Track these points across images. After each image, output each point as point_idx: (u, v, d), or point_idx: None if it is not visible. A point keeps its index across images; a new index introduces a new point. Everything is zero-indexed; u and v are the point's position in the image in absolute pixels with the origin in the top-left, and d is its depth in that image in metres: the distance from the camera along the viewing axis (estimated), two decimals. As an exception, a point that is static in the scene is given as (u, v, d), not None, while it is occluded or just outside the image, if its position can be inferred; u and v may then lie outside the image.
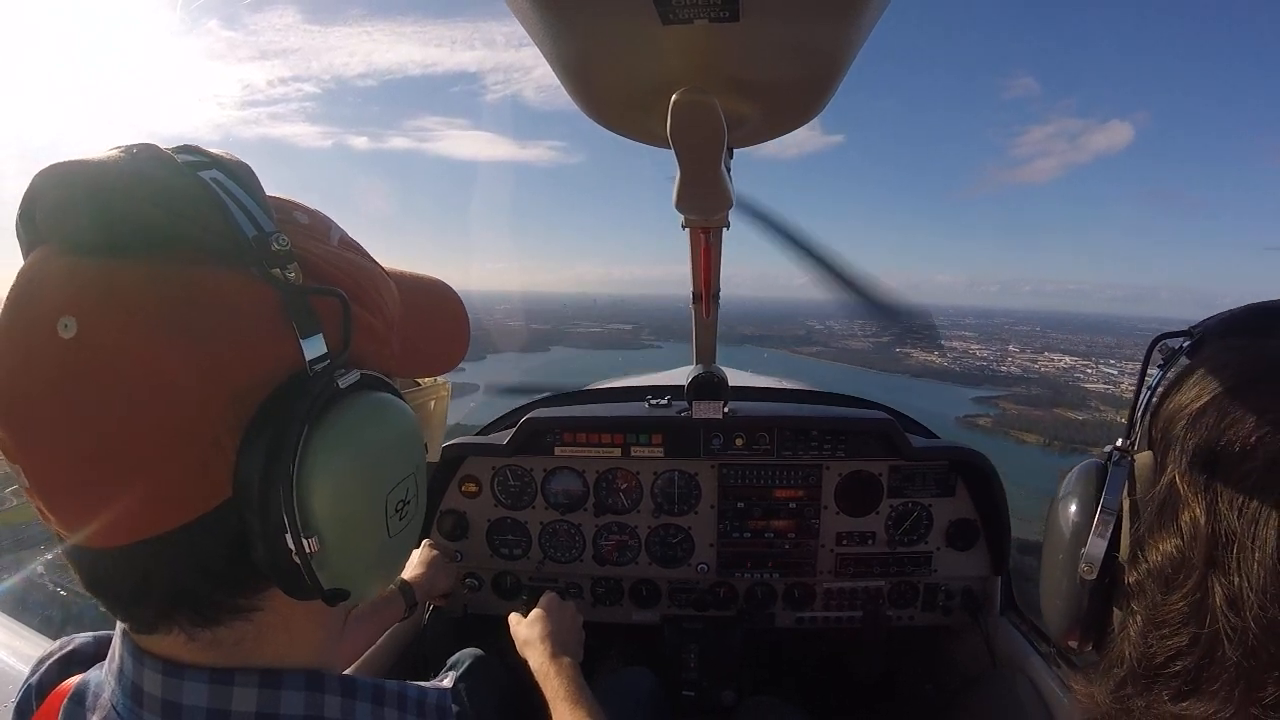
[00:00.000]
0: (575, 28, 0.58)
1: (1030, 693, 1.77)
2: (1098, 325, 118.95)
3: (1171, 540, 0.54)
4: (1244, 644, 0.47)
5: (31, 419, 0.46)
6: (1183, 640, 0.51)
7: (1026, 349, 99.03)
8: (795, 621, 2.25)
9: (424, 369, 0.75)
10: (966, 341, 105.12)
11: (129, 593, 0.51)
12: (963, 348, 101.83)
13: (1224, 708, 0.48)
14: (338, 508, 0.50)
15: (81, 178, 0.47)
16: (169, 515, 0.48)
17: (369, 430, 0.53)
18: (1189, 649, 0.51)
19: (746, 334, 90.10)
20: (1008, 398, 74.33)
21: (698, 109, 0.65)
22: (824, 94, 0.71)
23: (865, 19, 0.55)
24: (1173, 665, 0.52)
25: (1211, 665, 0.50)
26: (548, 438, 2.15)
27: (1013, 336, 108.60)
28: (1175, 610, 0.52)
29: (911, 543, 2.15)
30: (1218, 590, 0.49)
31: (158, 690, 0.52)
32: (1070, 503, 0.67)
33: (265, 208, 0.51)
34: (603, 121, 0.78)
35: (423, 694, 0.62)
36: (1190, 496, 0.53)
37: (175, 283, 0.46)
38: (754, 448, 2.12)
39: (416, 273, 0.71)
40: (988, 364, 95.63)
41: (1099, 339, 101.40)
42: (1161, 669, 0.53)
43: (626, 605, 2.28)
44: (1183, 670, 0.52)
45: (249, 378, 0.48)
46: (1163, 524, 0.56)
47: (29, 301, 0.47)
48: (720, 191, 0.96)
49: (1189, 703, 0.51)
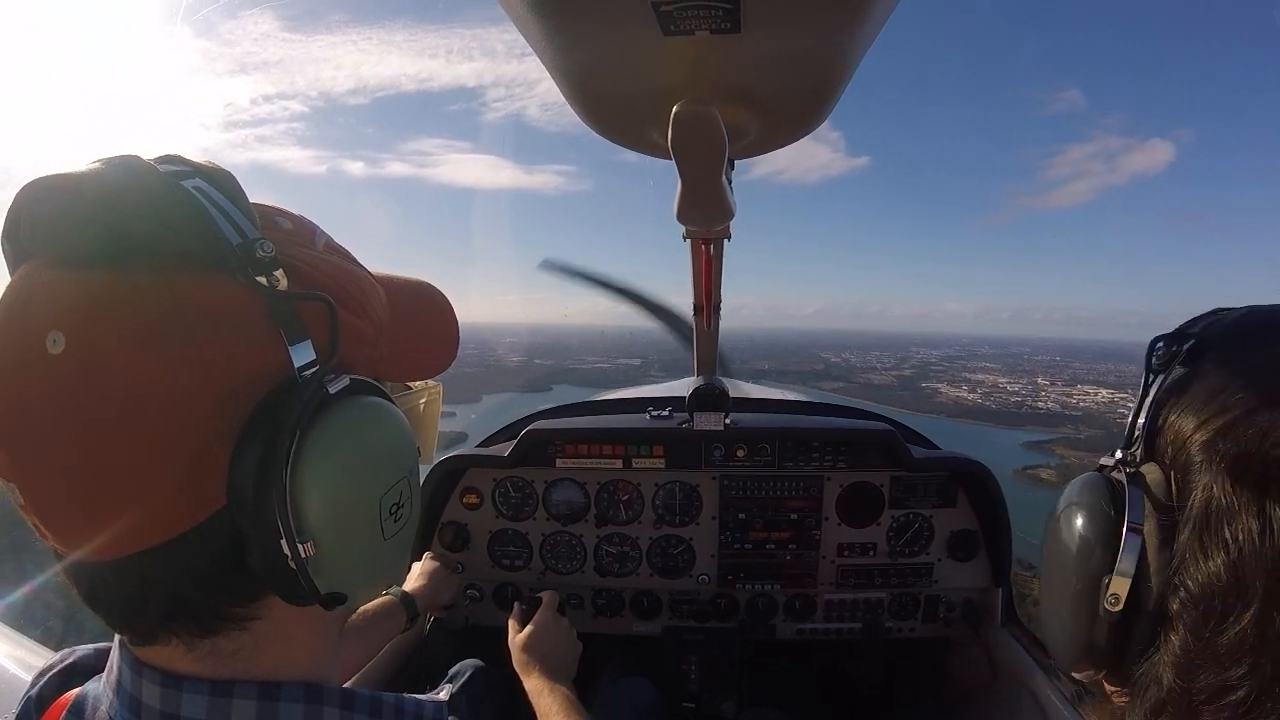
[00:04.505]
0: (577, 38, 0.59)
1: (1032, 706, 1.75)
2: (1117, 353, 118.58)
3: (1218, 558, 0.49)
4: None
5: (23, 436, 0.46)
6: (1240, 671, 0.47)
7: (1057, 381, 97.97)
8: (796, 633, 2.24)
9: (414, 372, 0.74)
10: (993, 375, 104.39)
11: (127, 604, 0.51)
12: (990, 382, 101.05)
13: None
14: (331, 512, 0.51)
15: (65, 191, 0.47)
16: (164, 526, 0.48)
17: (359, 434, 0.53)
18: (1246, 678, 0.47)
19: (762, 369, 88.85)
20: (1061, 442, 72.42)
21: (699, 120, 0.65)
22: (824, 105, 0.71)
23: (866, 30, 0.55)
24: (1222, 698, 0.48)
25: (1270, 700, 0.46)
26: (549, 449, 2.15)
27: (1037, 368, 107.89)
28: (1228, 639, 0.48)
29: (913, 554, 2.14)
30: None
31: (156, 702, 0.52)
32: (1075, 520, 0.61)
33: (249, 215, 0.51)
34: (604, 132, 0.78)
35: (419, 707, 0.62)
36: (1240, 510, 0.49)
37: (161, 293, 0.47)
38: (755, 459, 2.12)
39: (403, 276, 0.71)
40: (1023, 400, 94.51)
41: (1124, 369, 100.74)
42: (1211, 699, 0.49)
43: (627, 616, 2.26)
44: (1235, 703, 0.47)
45: (238, 385, 0.48)
46: (1205, 544, 0.50)
47: (17, 318, 0.47)
48: (721, 202, 0.96)
49: None
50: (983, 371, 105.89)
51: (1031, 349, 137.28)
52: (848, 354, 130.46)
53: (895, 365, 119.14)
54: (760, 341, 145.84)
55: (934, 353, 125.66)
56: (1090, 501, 0.60)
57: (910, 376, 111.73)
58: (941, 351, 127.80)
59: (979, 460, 2.11)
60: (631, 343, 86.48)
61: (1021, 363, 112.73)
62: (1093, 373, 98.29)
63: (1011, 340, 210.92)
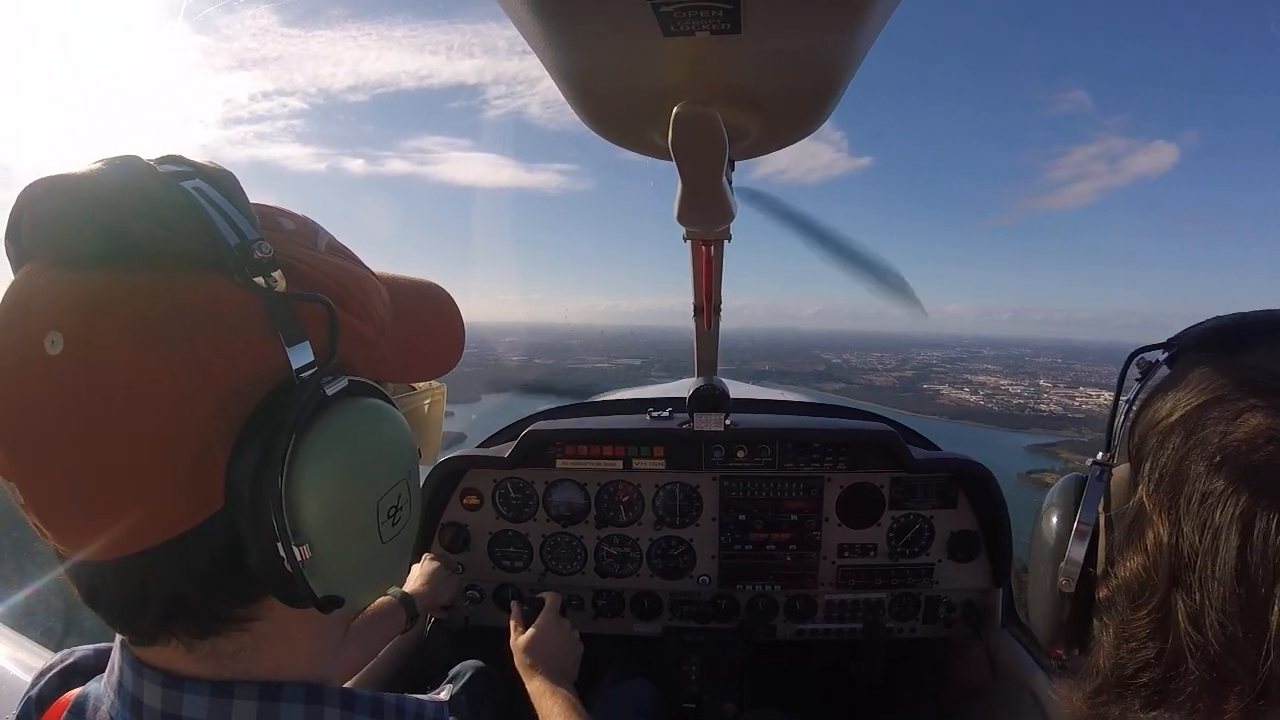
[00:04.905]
0: (577, 39, 0.59)
1: (1032, 706, 1.75)
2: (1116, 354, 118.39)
3: (1138, 557, 0.56)
4: (1206, 659, 0.49)
5: (22, 436, 0.46)
6: (1149, 654, 0.53)
7: (1059, 384, 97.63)
8: (796, 633, 2.24)
9: (418, 373, 0.74)
10: (994, 376, 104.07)
11: (126, 605, 0.51)
12: (992, 384, 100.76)
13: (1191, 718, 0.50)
14: (327, 515, 0.50)
15: (65, 192, 0.47)
16: (163, 527, 0.48)
17: (357, 437, 0.53)
18: (1155, 662, 0.53)
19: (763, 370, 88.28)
20: (1065, 445, 71.55)
21: (699, 120, 0.65)
22: (825, 106, 0.71)
23: (867, 31, 0.55)
24: (1141, 676, 0.54)
25: (1177, 678, 0.51)
26: (549, 450, 2.15)
27: (1039, 369, 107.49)
28: (1142, 625, 0.54)
29: (913, 554, 2.14)
30: (1180, 607, 0.51)
31: (157, 703, 0.52)
32: (1052, 515, 0.70)
33: (249, 215, 0.51)
34: (604, 133, 0.78)
35: (420, 707, 0.62)
36: (1156, 516, 0.55)
37: (159, 294, 0.47)
38: (755, 460, 2.12)
39: (408, 276, 0.71)
40: (1026, 403, 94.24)
41: None
42: (1132, 679, 0.55)
43: (628, 617, 2.27)
44: (1151, 681, 0.53)
45: (236, 387, 0.48)
46: (1131, 541, 0.58)
47: (17, 318, 0.47)
48: (722, 204, 0.96)
49: (1157, 713, 0.52)
50: (984, 373, 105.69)
51: (1033, 350, 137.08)
52: (849, 355, 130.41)
53: (896, 366, 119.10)
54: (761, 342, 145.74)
55: (935, 354, 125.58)
56: (1063, 498, 0.70)
57: (912, 378, 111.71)
58: (942, 352, 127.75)
59: (979, 461, 2.11)
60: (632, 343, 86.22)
61: (1023, 364, 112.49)
62: (1095, 375, 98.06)
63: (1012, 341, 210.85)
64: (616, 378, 75.71)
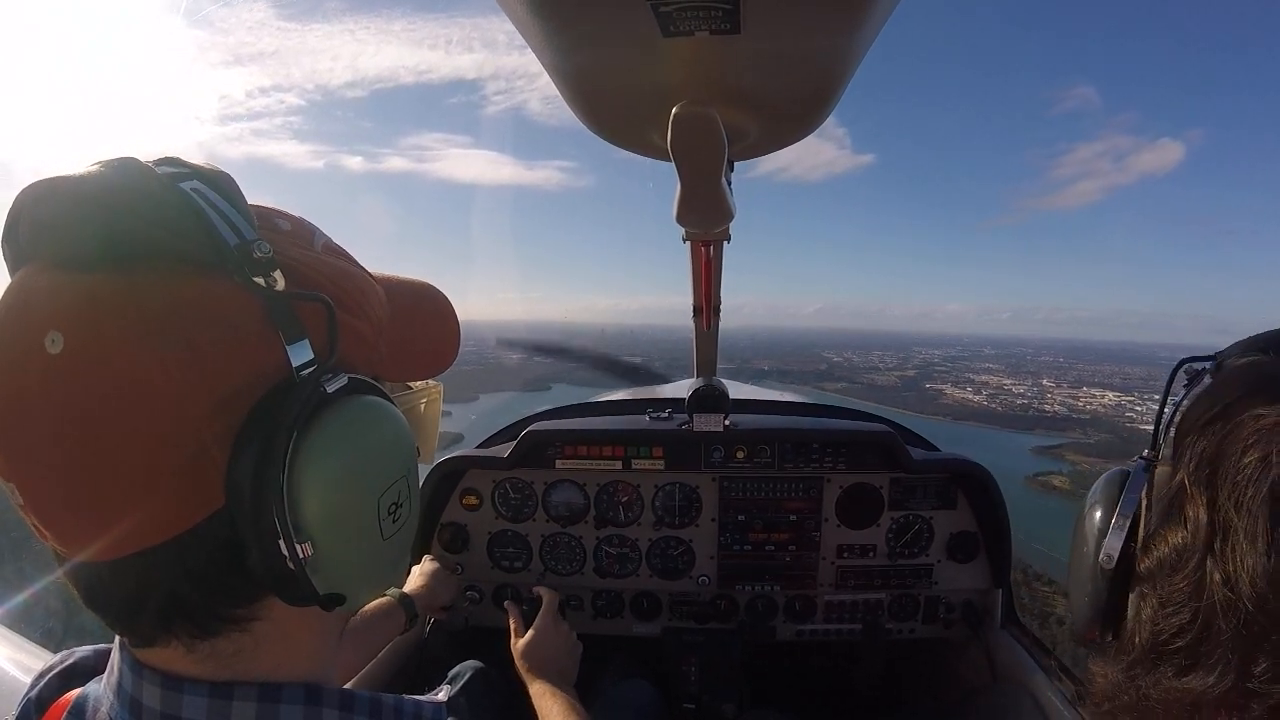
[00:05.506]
0: (576, 39, 0.59)
1: (1031, 707, 1.75)
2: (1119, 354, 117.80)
3: (1178, 532, 0.59)
4: (1237, 618, 0.51)
5: (21, 436, 0.46)
6: (1184, 617, 0.56)
7: (1062, 383, 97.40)
8: (796, 634, 2.24)
9: (414, 372, 0.74)
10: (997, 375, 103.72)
11: (125, 605, 0.51)
12: (995, 383, 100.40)
13: (1221, 680, 0.52)
14: (328, 513, 0.50)
15: (63, 194, 0.47)
16: (163, 527, 0.48)
17: (357, 434, 0.53)
18: (1189, 625, 0.56)
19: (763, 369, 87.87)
20: (1071, 447, 71.50)
21: (698, 121, 0.65)
22: (824, 106, 0.71)
23: (866, 31, 0.55)
24: (1176, 642, 0.57)
25: (1209, 640, 0.54)
26: (548, 451, 2.15)
27: (1041, 369, 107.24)
28: (1178, 589, 0.57)
29: (912, 555, 2.15)
30: (1215, 571, 0.54)
31: (157, 704, 0.52)
32: (1096, 508, 0.73)
33: (247, 216, 0.51)
34: (603, 134, 0.78)
35: (418, 708, 0.62)
36: (1194, 491, 0.58)
37: (159, 294, 0.47)
38: (755, 460, 2.12)
39: (403, 276, 0.71)
40: (1030, 403, 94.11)
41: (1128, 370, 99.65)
42: (1166, 646, 0.58)
43: (627, 617, 2.27)
44: (1184, 647, 0.56)
45: (236, 386, 0.48)
46: (1170, 518, 0.61)
47: (16, 319, 0.47)
48: (721, 204, 0.96)
49: (1190, 677, 0.55)
50: (986, 373, 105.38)
51: (1034, 350, 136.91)
52: (850, 353, 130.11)
53: (898, 365, 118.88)
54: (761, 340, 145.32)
55: (936, 353, 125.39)
56: (1106, 490, 0.73)
57: (914, 377, 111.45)
58: (944, 351, 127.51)
59: (979, 462, 2.11)
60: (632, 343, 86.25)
61: (1025, 364, 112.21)
62: (1098, 374, 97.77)
63: (1013, 340, 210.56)
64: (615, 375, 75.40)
